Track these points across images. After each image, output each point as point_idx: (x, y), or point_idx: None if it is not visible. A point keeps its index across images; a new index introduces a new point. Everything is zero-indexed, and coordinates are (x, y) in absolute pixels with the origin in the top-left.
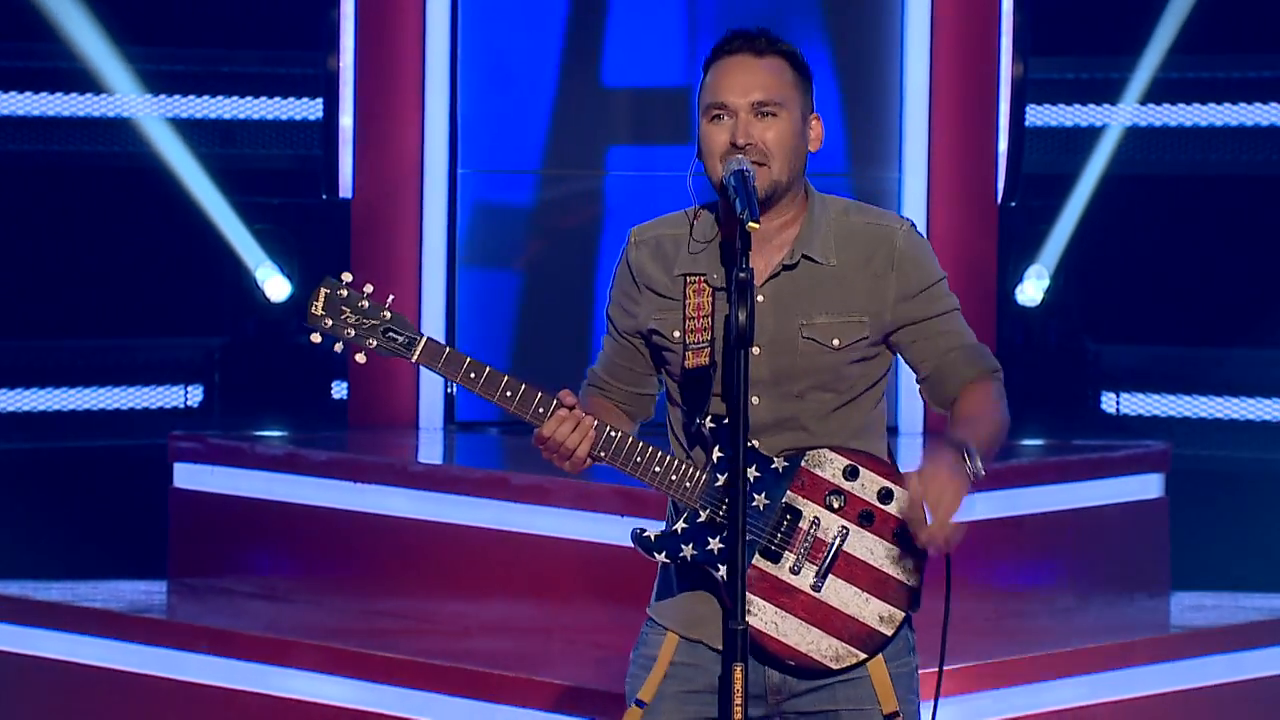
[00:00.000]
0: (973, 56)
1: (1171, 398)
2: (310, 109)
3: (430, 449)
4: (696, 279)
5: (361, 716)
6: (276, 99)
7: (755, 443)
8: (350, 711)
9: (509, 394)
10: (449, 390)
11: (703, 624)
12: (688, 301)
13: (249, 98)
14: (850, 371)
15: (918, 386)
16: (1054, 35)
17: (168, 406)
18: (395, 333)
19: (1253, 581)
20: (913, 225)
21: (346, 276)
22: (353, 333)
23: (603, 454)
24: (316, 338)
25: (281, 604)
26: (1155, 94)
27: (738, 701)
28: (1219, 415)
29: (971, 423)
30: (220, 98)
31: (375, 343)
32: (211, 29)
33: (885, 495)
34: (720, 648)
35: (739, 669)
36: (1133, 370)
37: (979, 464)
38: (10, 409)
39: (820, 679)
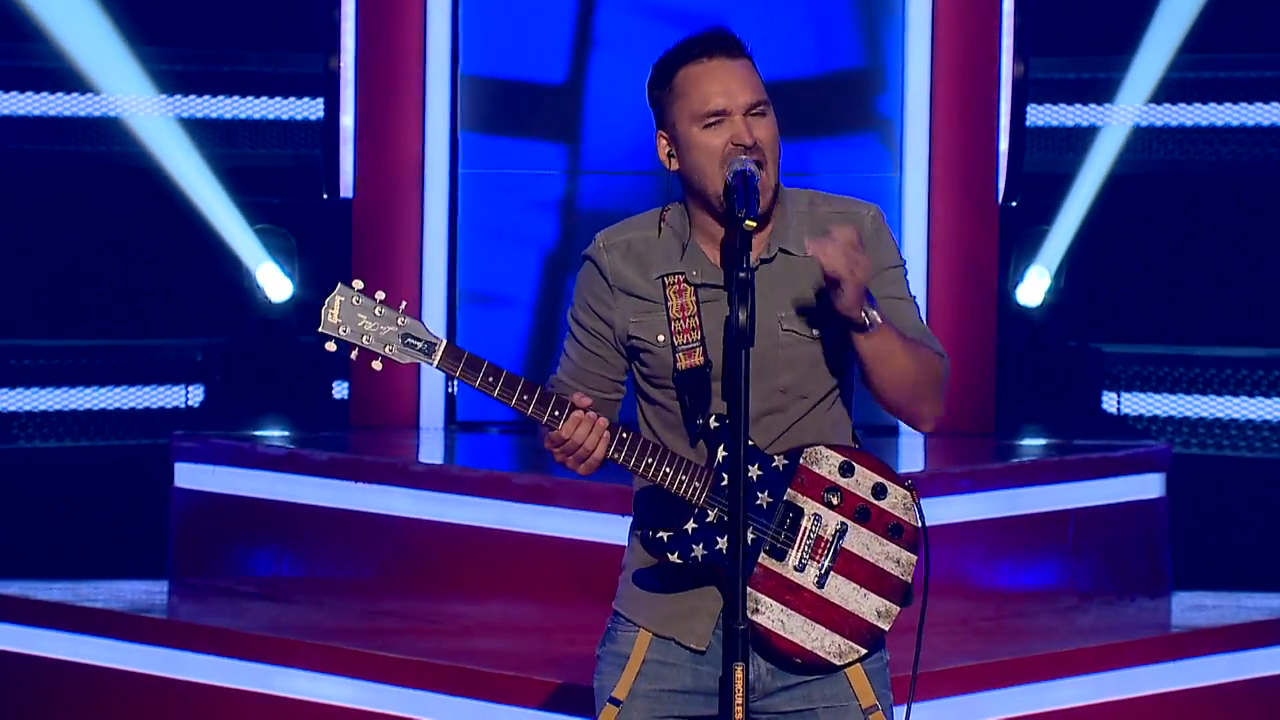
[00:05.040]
0: (973, 56)
1: (1172, 397)
2: (311, 109)
3: (431, 449)
4: (675, 279)
5: (362, 716)
6: (277, 99)
7: (753, 440)
8: (351, 711)
9: (525, 397)
10: (450, 390)
11: (675, 621)
12: (670, 303)
13: (250, 97)
14: (828, 365)
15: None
16: (1054, 35)
17: (169, 406)
18: (413, 339)
19: (1254, 581)
20: (880, 211)
21: (359, 284)
22: (370, 340)
23: (616, 455)
24: (331, 346)
25: (282, 604)
26: (1157, 94)
27: (738, 701)
28: (1220, 415)
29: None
30: (221, 97)
31: (393, 349)
32: (212, 29)
33: (879, 491)
34: (692, 645)
35: (739, 668)
36: (1133, 370)
37: (877, 315)
38: (11, 409)
39: (801, 676)
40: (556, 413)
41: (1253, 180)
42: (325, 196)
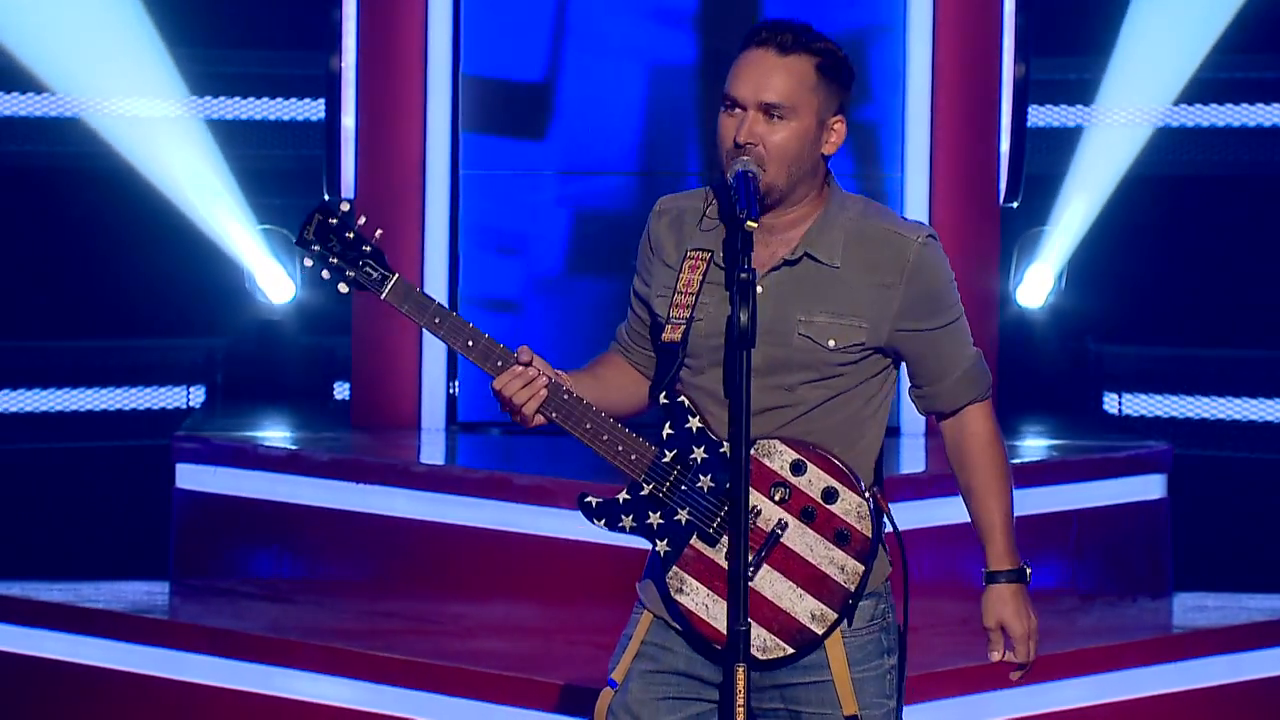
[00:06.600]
0: (975, 57)
1: (1173, 398)
2: (312, 109)
3: (432, 450)
4: (696, 254)
5: (363, 717)
6: (279, 99)
7: (702, 424)
8: (352, 712)
9: (470, 343)
10: (451, 391)
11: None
12: (680, 277)
13: (251, 98)
14: (842, 369)
15: (909, 387)
16: (1055, 36)
17: (170, 407)
18: (371, 268)
19: (1255, 582)
20: (932, 237)
21: (345, 205)
22: (336, 261)
23: (554, 414)
24: (309, 262)
25: (283, 605)
26: (1160, 95)
27: (739, 702)
28: (1221, 416)
29: (998, 508)
30: (222, 98)
31: (353, 274)
32: (214, 30)
33: (829, 495)
34: (679, 626)
35: (741, 669)
36: (1134, 371)
37: (1028, 570)
38: (13, 409)
39: (787, 677)
40: (498, 363)
41: (1254, 181)
42: (326, 197)
